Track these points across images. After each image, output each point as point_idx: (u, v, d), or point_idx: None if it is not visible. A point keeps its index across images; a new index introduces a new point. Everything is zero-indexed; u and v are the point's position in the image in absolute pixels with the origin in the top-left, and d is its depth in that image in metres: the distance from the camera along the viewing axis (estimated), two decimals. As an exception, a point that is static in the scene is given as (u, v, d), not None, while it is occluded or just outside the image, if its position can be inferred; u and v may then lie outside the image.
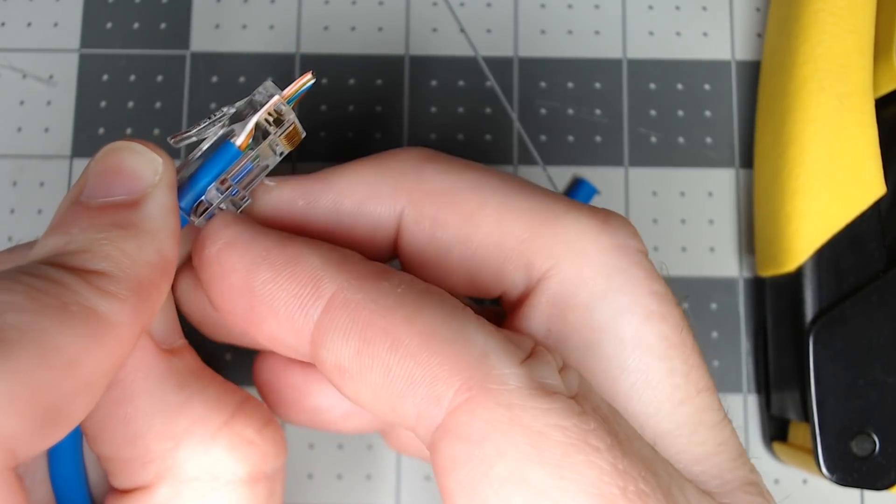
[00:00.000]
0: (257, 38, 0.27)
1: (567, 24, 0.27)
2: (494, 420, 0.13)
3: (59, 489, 0.17)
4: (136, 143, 0.16)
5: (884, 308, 0.22)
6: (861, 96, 0.23)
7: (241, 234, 0.16)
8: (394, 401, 0.14)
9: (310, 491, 0.25)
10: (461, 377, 0.13)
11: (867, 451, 0.22)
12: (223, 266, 0.16)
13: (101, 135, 0.26)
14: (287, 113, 0.17)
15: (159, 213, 0.15)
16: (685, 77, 0.27)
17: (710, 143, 0.27)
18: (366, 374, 0.14)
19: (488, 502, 0.13)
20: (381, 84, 0.27)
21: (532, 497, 0.13)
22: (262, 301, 0.15)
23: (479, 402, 0.13)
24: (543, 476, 0.13)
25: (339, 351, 0.14)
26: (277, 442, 0.17)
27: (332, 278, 0.15)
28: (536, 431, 0.13)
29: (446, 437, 0.13)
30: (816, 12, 0.24)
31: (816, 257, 0.23)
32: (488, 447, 0.13)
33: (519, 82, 0.27)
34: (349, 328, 0.14)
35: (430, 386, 0.14)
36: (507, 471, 0.13)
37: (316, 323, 0.15)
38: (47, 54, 0.27)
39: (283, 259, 0.15)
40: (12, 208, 0.26)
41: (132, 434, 0.16)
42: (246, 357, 0.26)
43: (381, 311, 0.14)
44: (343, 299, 0.14)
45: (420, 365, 0.14)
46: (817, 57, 0.23)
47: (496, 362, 0.14)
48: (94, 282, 0.14)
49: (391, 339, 0.14)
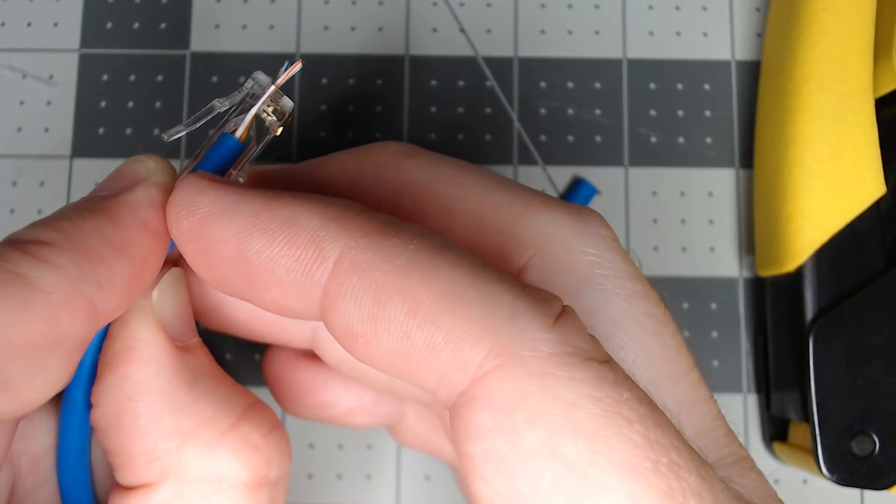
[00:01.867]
0: (257, 38, 0.27)
1: (567, 24, 0.27)
2: (526, 389, 0.12)
3: (65, 487, 0.17)
4: (143, 155, 0.17)
5: (884, 308, 0.22)
6: (861, 96, 0.23)
7: (222, 199, 0.15)
8: (412, 366, 0.13)
9: (310, 491, 0.25)
10: (489, 341, 0.13)
11: (867, 451, 0.22)
12: (209, 238, 0.14)
13: (101, 135, 0.26)
14: (285, 103, 0.17)
15: (132, 202, 0.15)
16: (685, 77, 0.27)
17: (710, 143, 0.27)
18: (381, 339, 0.13)
19: (516, 474, 0.12)
20: (381, 84, 0.27)
21: (562, 471, 0.12)
22: (261, 270, 0.14)
23: (509, 370, 0.12)
24: (575, 450, 0.12)
25: (350, 315, 0.13)
26: (282, 448, 0.17)
27: (335, 238, 0.14)
28: (569, 402, 0.12)
29: (472, 405, 0.13)
30: (816, 12, 0.24)
31: (816, 257, 0.23)
32: (518, 417, 0.12)
33: (519, 82, 0.27)
34: (361, 292, 0.13)
35: (454, 351, 0.13)
36: (538, 443, 0.12)
37: (324, 287, 0.14)
38: (47, 54, 0.27)
39: (276, 222, 0.14)
40: (12, 208, 0.26)
41: (140, 429, 0.16)
42: (246, 356, 0.26)
43: (394, 272, 0.13)
44: (351, 261, 0.13)
45: (442, 329, 0.13)
46: (817, 57, 0.24)
47: (526, 325, 0.13)
48: (31, 250, 0.14)
49: (408, 301, 0.13)
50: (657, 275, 0.26)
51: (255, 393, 0.19)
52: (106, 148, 0.26)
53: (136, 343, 0.16)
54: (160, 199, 0.16)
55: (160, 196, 0.16)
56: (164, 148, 0.26)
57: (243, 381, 0.25)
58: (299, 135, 0.27)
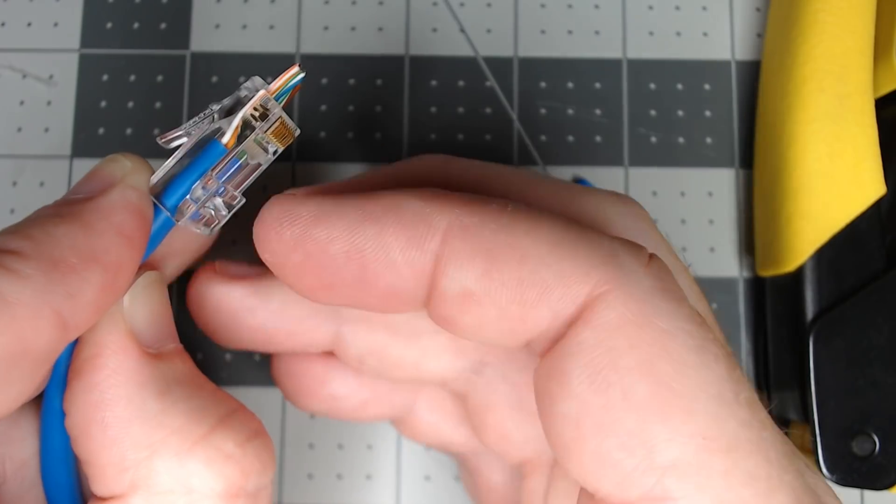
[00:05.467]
0: (257, 38, 0.27)
1: (567, 24, 0.27)
2: (629, 314, 0.13)
3: (50, 492, 0.17)
4: (119, 154, 0.16)
5: (884, 308, 0.22)
6: (861, 96, 0.23)
7: (324, 203, 0.15)
8: (525, 312, 0.14)
9: (310, 491, 0.25)
10: (597, 274, 0.14)
11: (867, 451, 0.22)
12: (316, 241, 0.15)
13: (101, 135, 0.26)
14: (273, 108, 0.16)
15: (106, 207, 0.15)
16: (685, 77, 0.27)
17: (710, 143, 0.27)
18: (494, 292, 0.14)
19: (610, 387, 0.13)
20: (381, 84, 0.27)
21: (655, 386, 0.13)
22: (375, 256, 0.15)
23: (615, 296, 0.14)
24: (669, 370, 0.13)
25: (464, 276, 0.14)
26: (262, 458, 0.17)
27: (440, 211, 0.15)
28: (665, 331, 0.13)
29: (577, 326, 0.14)
30: (816, 12, 0.24)
31: (816, 257, 0.23)
32: (620, 338, 0.13)
33: (519, 82, 0.27)
34: (473, 251, 0.14)
35: (566, 286, 0.14)
36: (635, 361, 0.13)
37: (437, 255, 0.15)
38: (47, 54, 0.27)
39: (381, 210, 0.15)
40: (12, 208, 0.26)
41: (109, 440, 0.15)
42: (245, 356, 0.26)
43: (501, 229, 0.14)
44: (460, 226, 0.14)
45: (554, 269, 0.14)
46: (817, 57, 0.23)
47: (626, 262, 0.14)
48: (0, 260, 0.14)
49: (519, 252, 0.14)
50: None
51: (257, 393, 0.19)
52: (106, 148, 0.26)
53: (103, 350, 0.16)
54: (136, 202, 0.16)
55: (137, 199, 0.16)
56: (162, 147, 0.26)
57: (243, 382, 0.25)
58: (299, 135, 0.26)
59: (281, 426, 0.25)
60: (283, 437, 0.25)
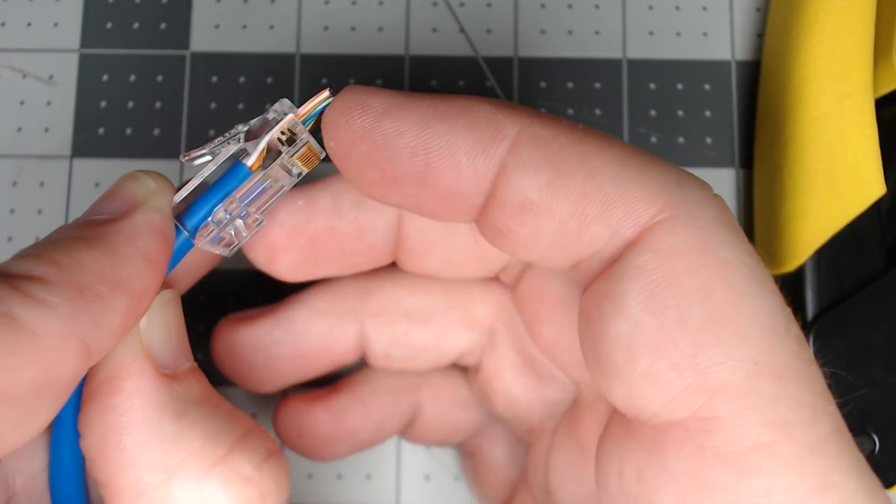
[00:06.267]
0: (257, 38, 0.27)
1: (567, 24, 0.27)
2: (691, 240, 0.14)
3: None
4: (140, 172, 0.16)
5: (884, 308, 0.22)
6: (861, 96, 0.23)
7: (394, 97, 0.15)
8: (584, 228, 0.14)
9: (310, 491, 0.25)
10: (662, 199, 0.14)
11: (867, 451, 0.22)
12: (384, 134, 0.15)
13: (101, 135, 0.26)
14: (301, 133, 0.16)
15: (132, 231, 0.15)
16: (685, 77, 0.27)
17: (710, 143, 0.27)
18: (556, 204, 0.14)
19: (667, 309, 0.13)
20: (381, 84, 0.27)
21: (711, 311, 0.13)
22: (440, 155, 0.15)
23: (679, 222, 0.14)
24: (726, 297, 0.13)
25: (527, 185, 0.14)
26: (278, 478, 0.17)
27: (512, 120, 0.15)
28: (726, 260, 0.14)
29: (636, 248, 0.14)
30: (816, 12, 0.24)
31: (816, 257, 0.23)
32: (680, 263, 0.14)
33: (519, 82, 0.27)
34: (540, 161, 0.14)
35: (630, 206, 0.14)
36: (694, 287, 0.13)
37: (502, 162, 0.15)
38: (47, 54, 0.27)
39: (453, 110, 0.15)
40: (12, 208, 0.26)
41: (126, 463, 0.15)
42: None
43: (572, 143, 0.14)
44: (531, 135, 0.14)
45: (619, 188, 0.14)
46: (817, 57, 0.23)
47: (691, 192, 0.14)
48: (24, 288, 0.13)
49: (587, 167, 0.14)
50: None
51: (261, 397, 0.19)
52: (106, 148, 0.26)
53: (121, 372, 0.15)
54: (161, 225, 0.15)
55: (161, 221, 0.15)
56: (162, 148, 0.26)
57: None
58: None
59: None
60: (283, 437, 0.25)
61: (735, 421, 0.13)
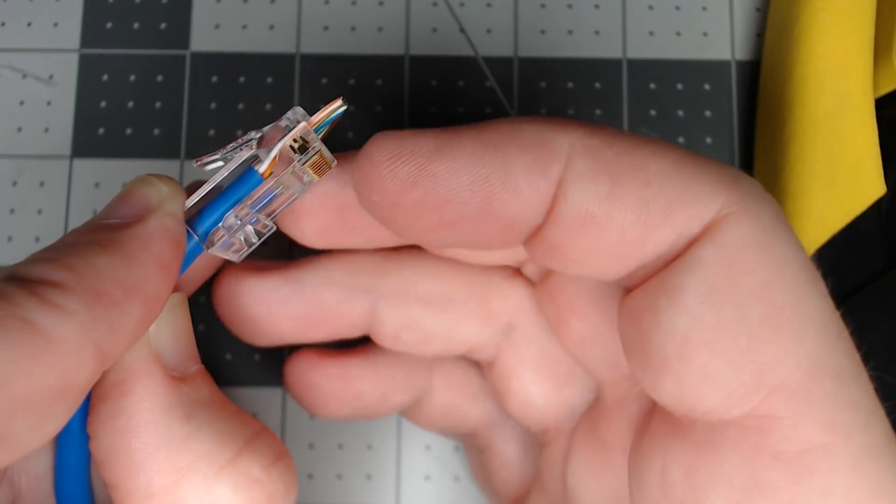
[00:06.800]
0: (257, 38, 0.27)
1: (567, 24, 0.27)
2: (752, 237, 0.14)
3: None
4: (152, 176, 0.16)
5: (884, 308, 0.22)
6: (861, 96, 0.23)
7: (439, 137, 0.15)
8: (648, 234, 0.14)
9: (310, 491, 0.25)
10: (723, 196, 0.14)
11: (867, 451, 0.22)
12: (436, 176, 0.14)
13: (101, 135, 0.26)
14: (313, 141, 0.16)
15: (146, 236, 0.15)
16: (685, 77, 0.27)
17: (710, 143, 0.27)
18: (617, 213, 0.14)
19: (726, 305, 0.13)
20: (381, 84, 0.27)
21: (770, 308, 0.13)
22: (502, 185, 0.14)
23: (742, 217, 0.14)
24: (784, 296, 0.13)
25: (587, 198, 0.14)
26: (286, 480, 0.17)
27: (561, 134, 0.14)
28: (784, 257, 0.14)
29: (698, 244, 0.14)
30: (816, 12, 0.24)
31: (816, 257, 0.23)
32: (741, 259, 0.14)
33: (519, 82, 0.27)
34: (597, 172, 0.14)
35: (692, 207, 0.14)
36: (754, 283, 0.13)
37: (560, 177, 0.14)
38: (47, 54, 0.27)
39: (501, 137, 0.14)
40: (12, 208, 0.26)
41: (135, 465, 0.15)
42: (246, 356, 0.26)
43: (625, 151, 0.14)
44: (584, 146, 0.14)
45: (679, 190, 0.14)
46: (817, 57, 0.23)
47: (748, 188, 0.14)
48: (42, 293, 0.13)
49: (644, 173, 0.14)
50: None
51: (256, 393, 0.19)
52: (106, 148, 0.26)
53: (130, 375, 0.15)
54: (174, 231, 0.15)
55: (174, 226, 0.15)
56: (162, 148, 0.26)
57: (244, 382, 0.25)
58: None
59: (281, 426, 0.25)
60: (283, 437, 0.25)
61: (793, 420, 0.13)
